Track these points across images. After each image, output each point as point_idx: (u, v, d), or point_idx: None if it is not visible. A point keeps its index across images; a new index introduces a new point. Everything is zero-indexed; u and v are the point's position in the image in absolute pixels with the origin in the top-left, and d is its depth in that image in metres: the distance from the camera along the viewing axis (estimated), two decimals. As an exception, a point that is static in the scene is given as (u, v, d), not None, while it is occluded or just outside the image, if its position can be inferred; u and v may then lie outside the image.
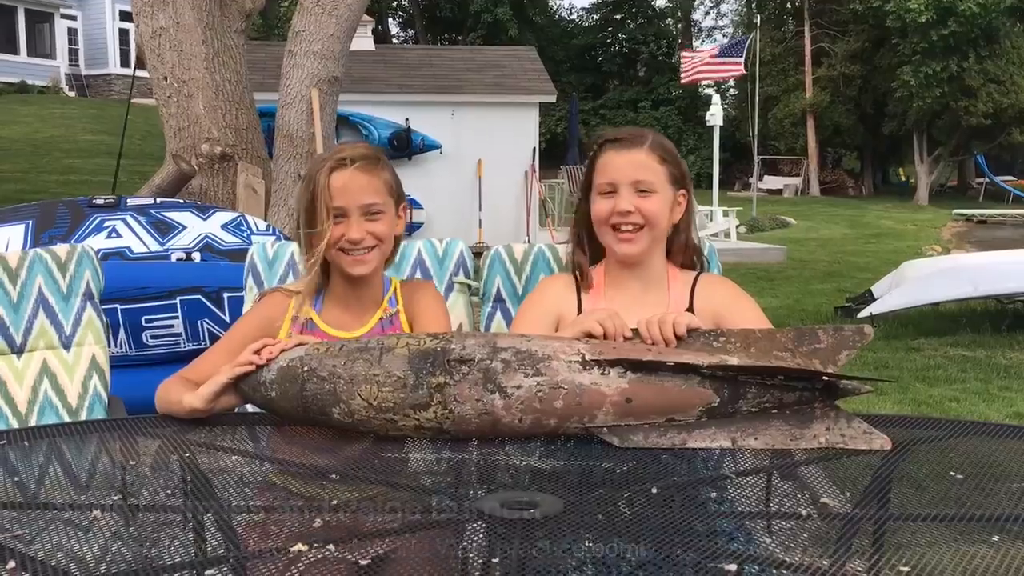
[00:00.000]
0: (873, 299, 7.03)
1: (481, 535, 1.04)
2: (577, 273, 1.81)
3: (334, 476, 1.23)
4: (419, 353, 1.37)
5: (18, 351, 2.02)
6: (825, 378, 1.37)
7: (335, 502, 1.12)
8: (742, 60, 16.43)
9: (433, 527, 1.07)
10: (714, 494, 1.16)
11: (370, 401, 1.36)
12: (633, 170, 1.71)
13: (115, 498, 1.19)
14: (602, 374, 1.35)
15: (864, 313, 6.69)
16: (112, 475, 1.34)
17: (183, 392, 1.53)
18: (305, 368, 1.40)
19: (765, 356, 1.41)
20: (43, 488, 1.27)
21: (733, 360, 1.36)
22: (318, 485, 1.20)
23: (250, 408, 1.62)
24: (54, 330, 2.03)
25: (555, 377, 1.35)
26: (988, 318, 7.21)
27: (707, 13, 44.06)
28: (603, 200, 1.73)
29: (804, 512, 1.09)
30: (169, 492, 1.21)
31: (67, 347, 2.04)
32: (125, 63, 26.90)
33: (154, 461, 1.38)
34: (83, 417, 2.00)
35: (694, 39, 36.31)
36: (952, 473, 1.23)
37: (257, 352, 1.48)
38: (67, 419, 1.99)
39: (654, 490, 1.15)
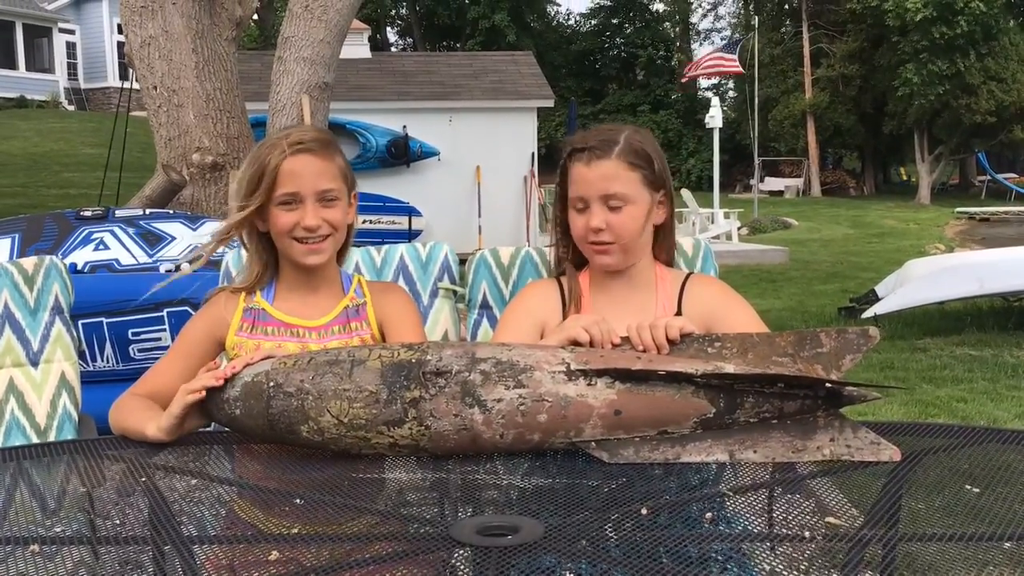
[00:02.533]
0: (877, 299, 6.94)
1: (457, 564, 0.95)
2: (562, 279, 1.72)
3: (298, 500, 1.14)
4: (392, 366, 1.28)
5: (-17, 369, 1.93)
6: (828, 385, 1.27)
7: (295, 530, 1.03)
8: (735, 57, 16.45)
9: (403, 558, 0.98)
10: (709, 514, 1.07)
11: (340, 418, 1.27)
12: (602, 184, 1.59)
13: (58, 530, 1.10)
14: (589, 385, 1.26)
15: (868, 313, 6.60)
16: (74, 502, 1.25)
17: (140, 417, 1.44)
18: (271, 383, 1.31)
19: (764, 362, 1.31)
20: (8, 514, 1.19)
21: (729, 368, 1.26)
22: (280, 511, 1.11)
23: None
24: (21, 347, 1.94)
25: (538, 389, 1.25)
26: (994, 316, 7.11)
27: (704, 16, 44.00)
28: (577, 216, 1.63)
29: (807, 534, 1.00)
30: (119, 522, 1.12)
31: (35, 364, 1.94)
32: (124, 76, 26.88)
33: (116, 488, 1.29)
34: (52, 437, 1.91)
35: (692, 42, 36.29)
36: (967, 487, 1.14)
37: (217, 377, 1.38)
38: (35, 439, 1.89)
39: (643, 511, 1.06)
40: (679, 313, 1.64)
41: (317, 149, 1.59)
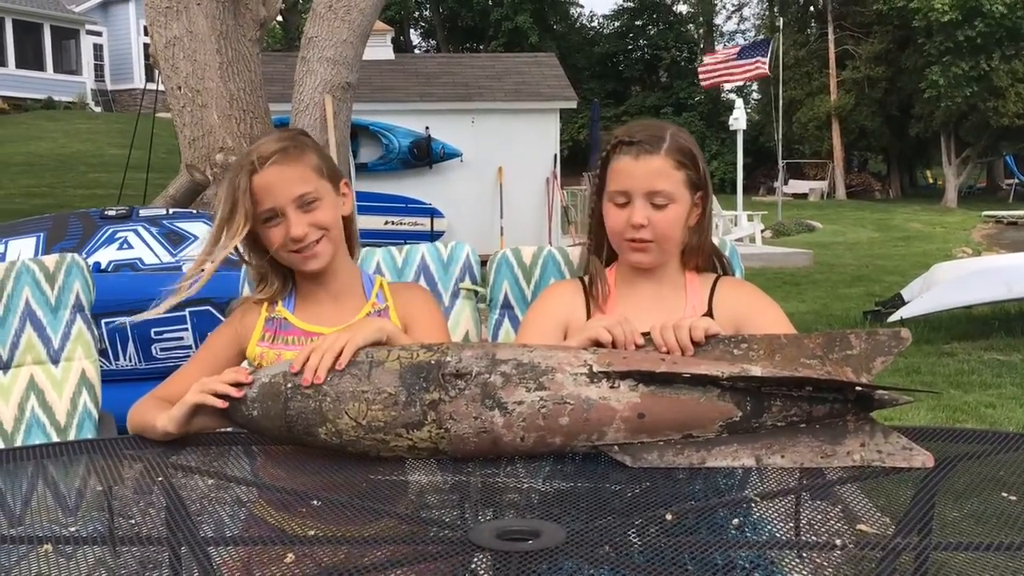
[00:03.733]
0: (903, 303, 6.86)
1: (478, 568, 0.93)
2: (586, 279, 1.69)
3: (316, 502, 1.12)
4: (411, 367, 1.26)
5: (3, 367, 1.92)
6: (859, 388, 1.24)
7: (312, 532, 1.01)
8: (766, 60, 16.24)
9: (420, 561, 0.95)
10: (736, 520, 1.04)
11: (359, 420, 1.25)
12: (648, 180, 1.55)
13: (72, 530, 1.09)
14: (611, 387, 1.23)
15: (894, 317, 6.52)
16: (92, 501, 1.24)
17: (153, 414, 1.43)
18: (289, 384, 1.29)
19: (792, 364, 1.28)
20: (28, 513, 1.18)
21: (756, 370, 1.23)
22: (297, 512, 1.09)
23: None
24: (41, 344, 1.94)
25: (560, 391, 1.23)
26: (1022, 321, 7.00)
27: (729, 17, 43.81)
28: (616, 210, 1.59)
29: (838, 542, 0.97)
30: (135, 522, 1.11)
31: (55, 362, 1.94)
32: (151, 77, 27.11)
33: (134, 487, 1.28)
34: (72, 435, 1.91)
35: (716, 43, 36.11)
36: (1004, 494, 1.10)
37: (234, 384, 1.36)
38: (55, 438, 1.89)
39: (668, 516, 1.03)
40: (709, 314, 1.61)
41: (281, 158, 1.55)
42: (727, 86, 24.18)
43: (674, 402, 1.23)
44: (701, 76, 17.61)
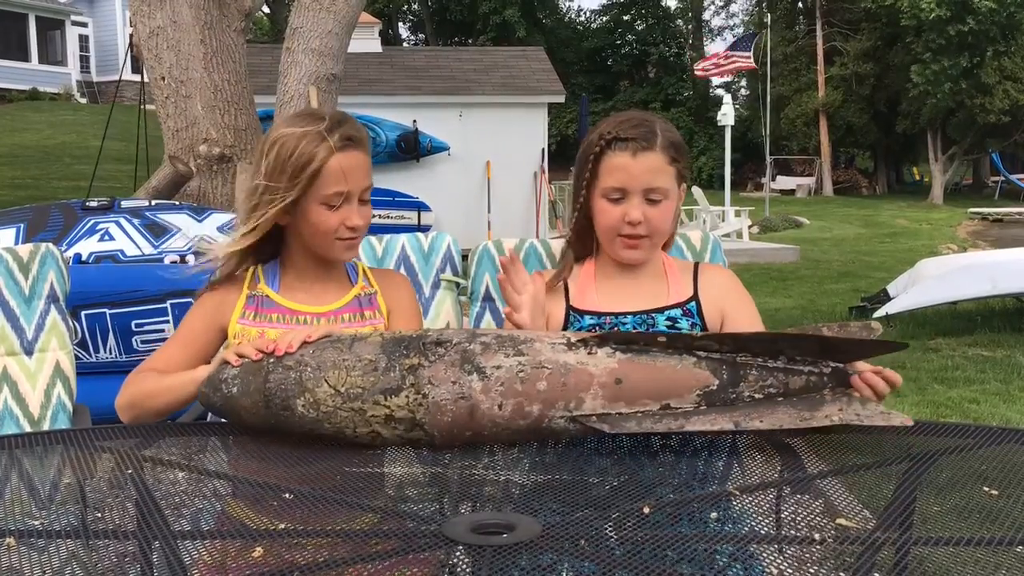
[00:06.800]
0: (888, 298, 6.88)
1: (457, 563, 0.91)
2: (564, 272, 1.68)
3: (288, 495, 1.10)
4: (393, 339, 1.28)
5: (-24, 357, 1.89)
6: (834, 363, 1.25)
7: (283, 526, 0.99)
8: (750, 54, 16.35)
9: (394, 556, 0.93)
10: (715, 514, 1.03)
11: (337, 388, 1.24)
12: (646, 177, 1.56)
13: (37, 523, 1.06)
14: (589, 353, 1.24)
15: (880, 312, 6.54)
16: (66, 493, 1.21)
17: (179, 375, 1.47)
18: (271, 359, 1.30)
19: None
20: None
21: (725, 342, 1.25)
22: (269, 506, 1.07)
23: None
24: (15, 335, 1.90)
25: (538, 357, 1.23)
26: (1006, 317, 7.04)
27: (717, 13, 43.80)
28: (610, 206, 1.58)
29: (818, 536, 0.95)
30: (101, 515, 1.09)
31: (29, 353, 1.91)
32: (136, 69, 26.96)
33: (108, 480, 1.25)
34: (46, 427, 1.87)
35: (704, 39, 36.15)
36: (986, 488, 1.09)
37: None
38: (28, 429, 1.86)
39: (646, 509, 1.01)
40: (695, 298, 1.62)
41: (363, 144, 1.54)
42: (716, 81, 24.26)
43: (651, 368, 1.23)
44: (698, 70, 17.86)
